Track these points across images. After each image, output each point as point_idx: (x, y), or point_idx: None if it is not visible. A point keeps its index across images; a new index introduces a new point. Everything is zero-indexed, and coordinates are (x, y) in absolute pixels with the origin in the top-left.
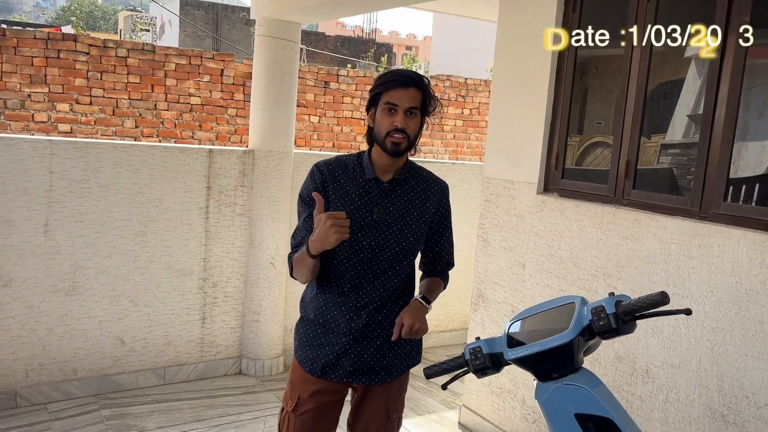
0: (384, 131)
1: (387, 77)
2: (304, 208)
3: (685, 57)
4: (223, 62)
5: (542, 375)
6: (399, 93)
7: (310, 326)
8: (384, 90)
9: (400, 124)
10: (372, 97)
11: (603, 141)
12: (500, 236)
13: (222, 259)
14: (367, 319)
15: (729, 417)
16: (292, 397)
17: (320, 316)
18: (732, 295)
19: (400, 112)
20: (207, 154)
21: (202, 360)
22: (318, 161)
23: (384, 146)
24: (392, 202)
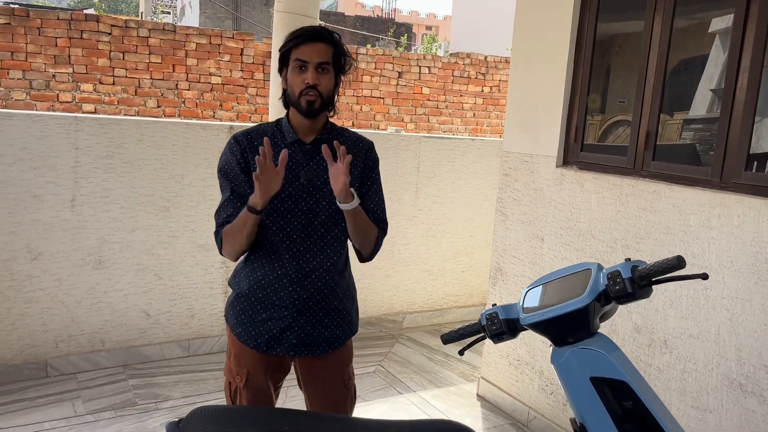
0: (297, 90)
1: (294, 33)
2: (226, 183)
3: (709, 32)
4: (243, 42)
5: (558, 340)
6: (307, 48)
7: (247, 302)
8: (293, 46)
9: (312, 80)
10: (282, 56)
11: (625, 120)
12: (519, 210)
13: None
14: (311, 289)
15: (747, 386)
16: (240, 373)
17: (259, 290)
18: (752, 265)
19: (310, 69)
20: (228, 130)
21: (224, 333)
22: (235, 132)
23: (298, 106)
24: (318, 163)
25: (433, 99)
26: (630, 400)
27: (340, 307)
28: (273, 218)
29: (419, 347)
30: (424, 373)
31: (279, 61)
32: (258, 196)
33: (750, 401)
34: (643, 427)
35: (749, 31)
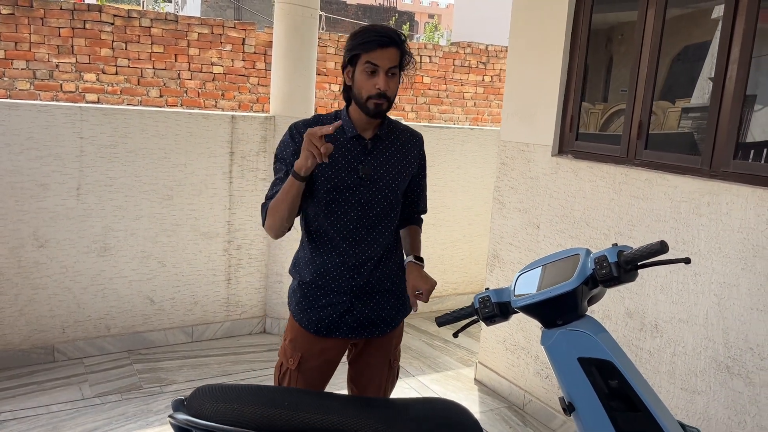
0: (365, 94)
1: (366, 36)
2: (281, 167)
3: (712, 18)
4: (245, 31)
5: (548, 322)
6: (380, 54)
7: (308, 289)
8: (363, 51)
9: (383, 87)
10: (350, 55)
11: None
12: (516, 198)
13: (246, 223)
14: (367, 275)
15: (734, 368)
16: (293, 356)
17: (319, 278)
18: (739, 251)
19: (381, 74)
20: (230, 120)
21: (228, 319)
22: (295, 122)
23: (366, 108)
24: (375, 158)
25: (434, 88)
26: (615, 379)
27: (393, 288)
28: (332, 209)
29: (419, 333)
30: (423, 359)
31: (344, 59)
32: (304, 159)
33: (737, 383)
34: (628, 404)
35: (738, 22)
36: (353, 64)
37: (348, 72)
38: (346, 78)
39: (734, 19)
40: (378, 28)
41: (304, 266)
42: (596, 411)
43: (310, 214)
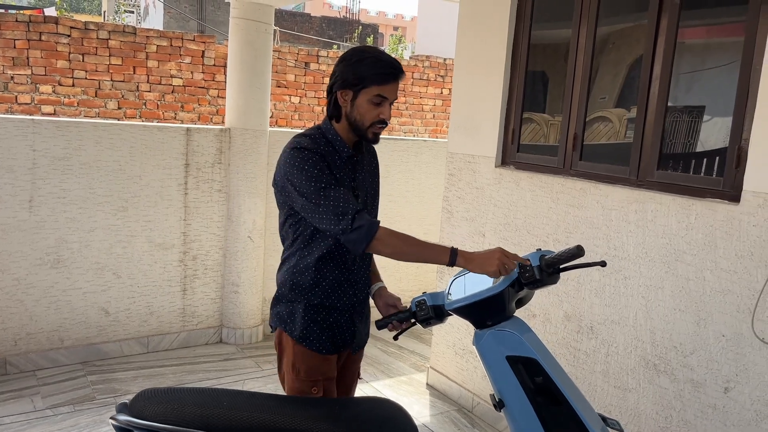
0: (369, 122)
1: (379, 68)
2: (329, 180)
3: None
4: (204, 44)
5: (479, 323)
6: (391, 87)
7: (316, 311)
8: (376, 83)
9: (389, 117)
10: (355, 80)
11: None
12: (463, 208)
13: (201, 234)
14: (360, 293)
15: (660, 366)
16: (316, 385)
17: (326, 298)
18: (662, 255)
19: (387, 105)
20: (185, 132)
21: (183, 329)
22: (299, 142)
23: (364, 135)
24: (361, 174)
25: None
26: (540, 376)
27: (369, 305)
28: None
29: (374, 340)
30: (377, 365)
31: (346, 81)
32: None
33: (663, 380)
34: (551, 399)
35: (660, 41)
36: (355, 88)
37: (344, 94)
38: (341, 99)
39: (656, 37)
40: (388, 59)
41: (309, 289)
42: (524, 406)
43: (320, 236)
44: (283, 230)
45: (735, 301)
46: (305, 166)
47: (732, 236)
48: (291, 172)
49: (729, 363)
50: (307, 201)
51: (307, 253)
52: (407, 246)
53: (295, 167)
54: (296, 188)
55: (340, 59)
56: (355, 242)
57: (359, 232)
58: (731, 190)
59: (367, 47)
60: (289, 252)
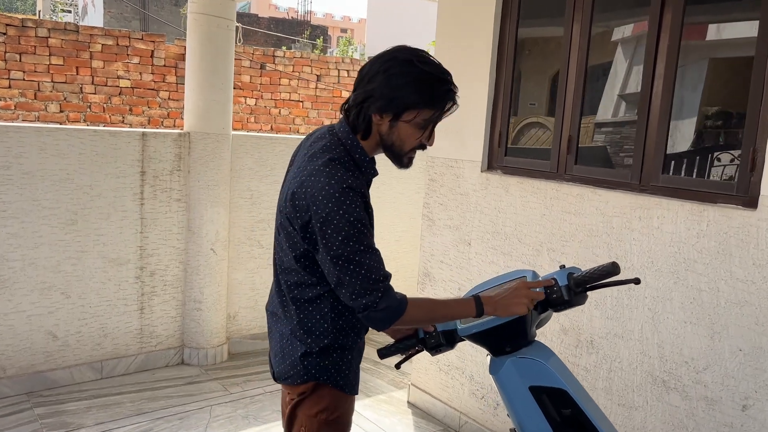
0: (409, 146)
1: (441, 89)
2: (369, 237)
3: (612, 41)
4: (153, 43)
5: (496, 350)
6: (448, 110)
7: (342, 349)
8: (432, 107)
9: (432, 143)
10: (406, 106)
11: (537, 122)
12: (445, 215)
13: (159, 247)
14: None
15: (670, 383)
16: (349, 425)
17: (348, 338)
18: (671, 265)
19: (432, 131)
20: (140, 137)
21: (141, 351)
22: (345, 180)
23: (399, 160)
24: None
25: None
26: (569, 407)
27: None
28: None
29: None
30: None
31: (390, 103)
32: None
33: (673, 397)
34: None
35: (663, 38)
36: (400, 112)
37: (385, 116)
38: (376, 119)
39: (658, 35)
40: (448, 76)
41: (357, 330)
42: None
43: None
44: (290, 265)
45: (753, 313)
46: (351, 218)
47: (749, 244)
48: (329, 221)
49: (747, 379)
50: (334, 262)
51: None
52: (431, 314)
53: (338, 217)
54: (326, 242)
55: (379, 67)
56: (377, 322)
57: (386, 312)
58: (745, 195)
59: (415, 53)
60: (315, 291)
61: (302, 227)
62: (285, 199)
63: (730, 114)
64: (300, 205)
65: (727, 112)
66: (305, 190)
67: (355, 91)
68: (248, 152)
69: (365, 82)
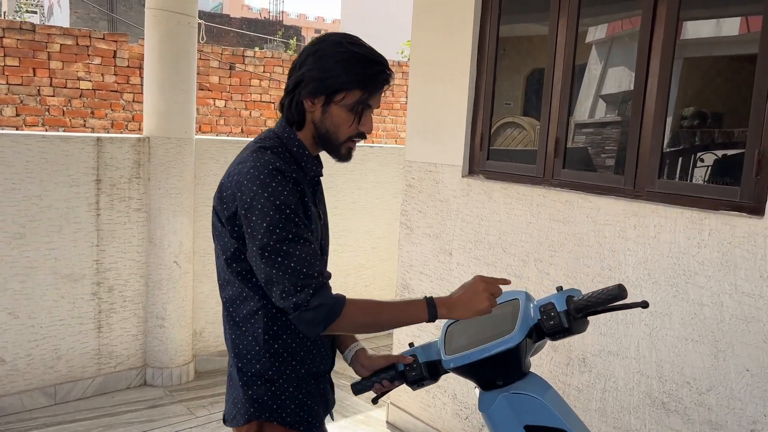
0: (345, 134)
1: (370, 69)
2: (300, 227)
3: (586, 42)
4: (116, 43)
5: (486, 383)
6: (379, 94)
7: (278, 384)
8: (368, 89)
9: (371, 129)
10: (336, 86)
11: (513, 122)
12: (424, 223)
13: (118, 261)
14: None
15: (670, 405)
16: None
17: (286, 365)
18: (669, 277)
19: (370, 115)
20: (94, 143)
21: (99, 373)
22: (272, 162)
23: (336, 150)
24: (319, 199)
25: None
26: None
27: None
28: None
29: None
30: None
31: (319, 84)
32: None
33: (674, 420)
34: None
35: (657, 32)
36: (331, 93)
37: (317, 100)
38: (308, 105)
39: (652, 29)
40: (379, 56)
41: (268, 354)
42: None
43: None
44: (225, 275)
45: (761, 329)
46: (276, 201)
47: (755, 255)
48: (253, 206)
49: (755, 401)
50: (260, 254)
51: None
52: (375, 317)
53: (262, 200)
54: (252, 230)
55: (309, 50)
56: (310, 324)
57: (318, 312)
58: (751, 202)
59: (346, 36)
60: (249, 307)
61: (229, 219)
62: (214, 197)
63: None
64: (226, 195)
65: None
66: (231, 179)
67: (288, 80)
68: (213, 157)
69: (296, 69)
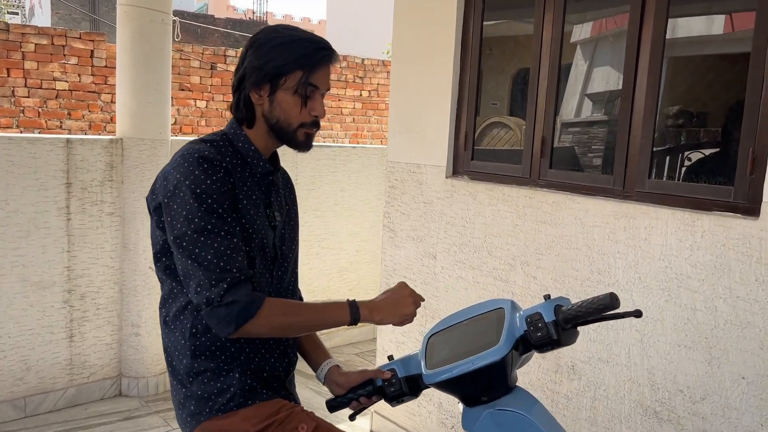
0: (297, 121)
1: (307, 48)
2: (223, 219)
3: (571, 42)
4: (93, 42)
5: (470, 399)
6: (324, 73)
7: (208, 374)
8: (305, 69)
9: (323, 114)
10: (278, 71)
11: (500, 121)
12: (408, 225)
13: (90, 267)
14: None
15: (662, 413)
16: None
17: (214, 360)
18: (661, 281)
19: (320, 98)
20: (64, 144)
21: (72, 384)
22: (199, 150)
23: (292, 139)
24: (276, 198)
25: None
26: None
27: None
28: (259, 268)
29: (305, 379)
30: (309, 408)
31: (261, 73)
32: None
33: (666, 430)
34: None
35: (646, 26)
36: (275, 80)
37: (263, 91)
38: (255, 98)
39: (641, 22)
40: (316, 38)
41: (193, 348)
42: None
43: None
44: (158, 271)
45: (757, 335)
46: (197, 189)
47: (751, 257)
48: (175, 193)
49: (751, 410)
50: (178, 244)
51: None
52: (296, 318)
53: (183, 187)
54: (171, 219)
55: (249, 44)
56: (222, 321)
57: (232, 309)
58: (745, 202)
59: (282, 24)
60: (178, 304)
61: (156, 210)
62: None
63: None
64: (155, 187)
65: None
66: (162, 170)
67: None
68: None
69: (240, 67)
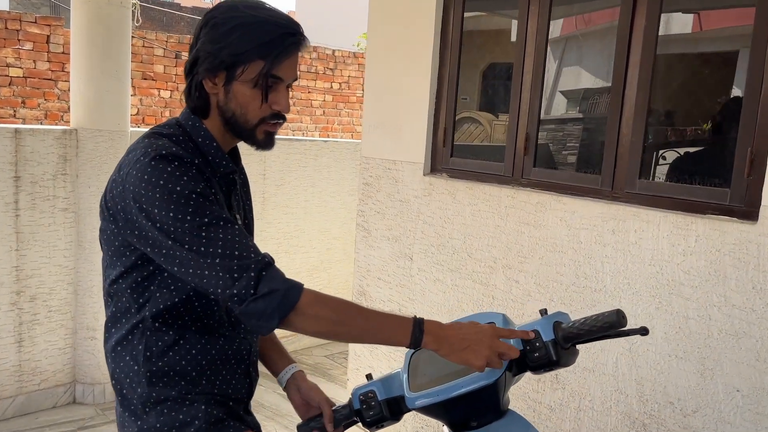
0: (255, 117)
1: (272, 33)
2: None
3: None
4: (50, 27)
5: (457, 425)
6: (290, 63)
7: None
8: (267, 58)
9: (287, 108)
10: (232, 59)
11: (470, 117)
12: (383, 225)
13: (41, 266)
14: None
15: (651, 427)
16: None
17: (176, 387)
18: (652, 287)
19: (284, 90)
20: (12, 135)
21: (21, 392)
22: (164, 147)
23: (250, 136)
24: (236, 199)
25: None
26: None
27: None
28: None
29: (272, 383)
30: (279, 417)
31: (215, 59)
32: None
33: None
34: None
35: (638, 19)
36: (231, 68)
37: (218, 79)
38: (208, 86)
39: (633, 15)
40: (283, 17)
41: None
42: None
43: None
44: (114, 287)
45: (753, 346)
46: (177, 187)
47: (747, 264)
48: (150, 198)
49: (746, 424)
50: (179, 247)
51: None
52: (345, 317)
53: (158, 189)
54: (159, 225)
55: (203, 21)
56: (261, 316)
57: (271, 300)
58: (742, 205)
59: (244, 2)
60: (129, 323)
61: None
62: (102, 197)
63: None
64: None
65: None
66: (122, 173)
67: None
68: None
69: (193, 47)
